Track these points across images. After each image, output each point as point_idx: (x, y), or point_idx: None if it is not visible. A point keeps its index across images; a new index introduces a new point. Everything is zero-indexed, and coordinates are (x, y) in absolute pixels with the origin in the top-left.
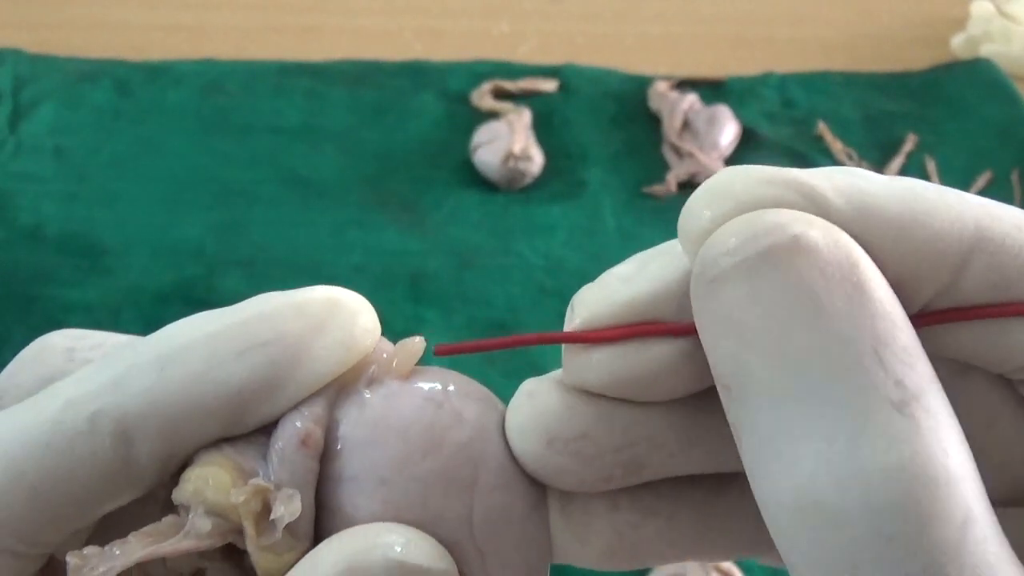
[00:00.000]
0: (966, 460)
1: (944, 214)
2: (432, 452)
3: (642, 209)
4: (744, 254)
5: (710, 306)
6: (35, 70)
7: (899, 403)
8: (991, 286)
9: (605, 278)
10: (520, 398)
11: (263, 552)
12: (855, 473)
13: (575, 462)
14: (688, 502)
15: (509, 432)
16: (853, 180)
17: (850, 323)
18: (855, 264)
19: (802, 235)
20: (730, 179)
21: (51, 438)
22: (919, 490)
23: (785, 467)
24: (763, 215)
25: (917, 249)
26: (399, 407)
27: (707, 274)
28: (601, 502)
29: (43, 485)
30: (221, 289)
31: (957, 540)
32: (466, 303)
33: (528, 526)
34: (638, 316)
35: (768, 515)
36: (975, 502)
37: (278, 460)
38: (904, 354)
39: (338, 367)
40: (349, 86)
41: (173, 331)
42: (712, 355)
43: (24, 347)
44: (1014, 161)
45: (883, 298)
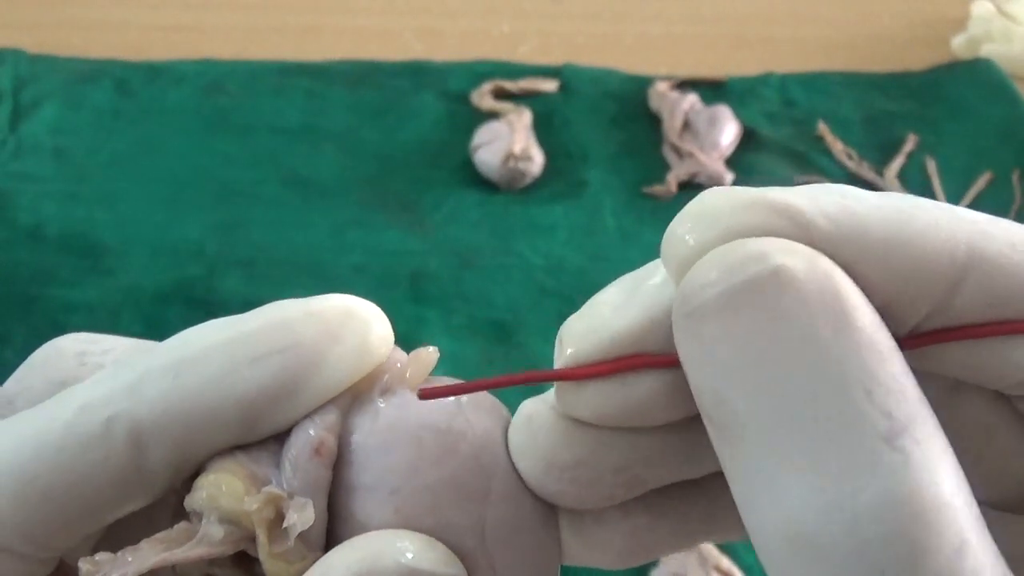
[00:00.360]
0: (959, 487)
1: (935, 234)
2: (444, 461)
3: (642, 209)
4: (724, 286)
5: (691, 340)
6: (35, 70)
7: (888, 436)
8: (985, 305)
9: (592, 307)
10: (519, 420)
11: (274, 560)
12: (844, 507)
13: (574, 487)
14: (699, 497)
15: (511, 451)
16: (841, 200)
17: (835, 356)
18: (838, 294)
19: (783, 266)
20: (713, 203)
21: (64, 442)
22: (910, 523)
23: (773, 500)
24: (744, 245)
25: (908, 270)
26: (413, 416)
27: (687, 307)
28: (613, 510)
29: (55, 489)
30: (221, 289)
31: (952, 570)
32: (466, 303)
33: (538, 535)
34: (626, 349)
35: (758, 546)
36: (969, 530)
37: (291, 468)
38: (893, 383)
39: (352, 376)
40: (349, 86)
41: (188, 337)
42: (695, 389)
43: (25, 347)
44: (1014, 161)
45: (868, 327)
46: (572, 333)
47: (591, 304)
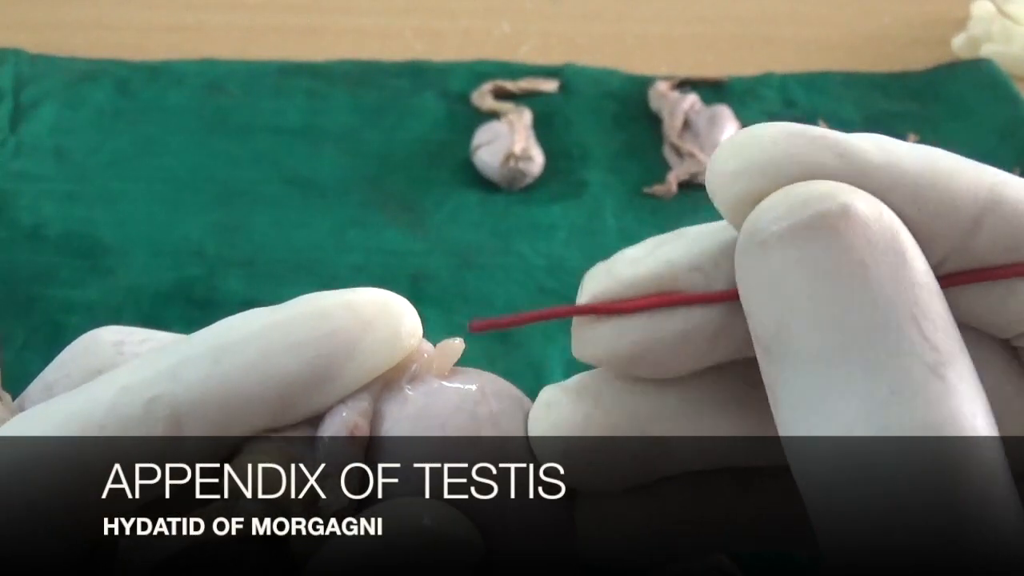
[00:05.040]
0: (991, 422)
1: (960, 176)
2: (468, 445)
3: (643, 209)
4: (794, 219)
5: (757, 268)
6: (36, 70)
7: (934, 365)
8: (1002, 248)
9: (616, 258)
10: (539, 409)
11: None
12: (892, 428)
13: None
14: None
15: (530, 438)
16: (878, 141)
17: (892, 290)
18: (897, 234)
19: (851, 204)
20: (761, 133)
21: (106, 421)
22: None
23: (823, 420)
24: (812, 184)
25: (936, 205)
26: (439, 403)
27: (756, 237)
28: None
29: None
30: (222, 289)
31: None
32: (466, 303)
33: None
34: (646, 291)
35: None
36: (998, 462)
37: (325, 450)
38: (940, 320)
39: (384, 364)
40: (350, 86)
41: (228, 325)
42: (755, 316)
43: (25, 347)
44: (1015, 161)
45: (921, 268)
46: (594, 275)
47: (615, 256)
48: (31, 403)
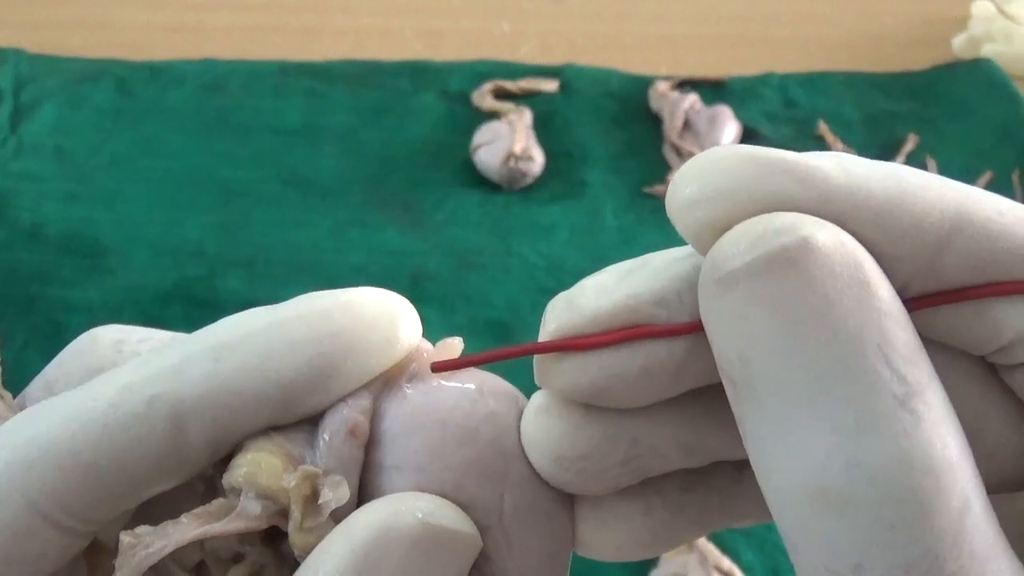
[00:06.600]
0: (963, 450)
1: (925, 195)
2: (467, 444)
3: (643, 209)
4: (755, 255)
5: (719, 305)
6: (36, 70)
7: (903, 397)
8: (971, 268)
9: (579, 288)
10: (530, 412)
11: (304, 534)
12: (861, 463)
13: (580, 478)
14: (715, 490)
15: (523, 441)
16: (839, 163)
17: (857, 322)
18: (861, 264)
19: (811, 237)
20: (722, 158)
21: (108, 419)
22: (920, 481)
23: (795, 457)
24: (772, 218)
25: (901, 228)
26: (438, 401)
27: (717, 274)
28: (634, 505)
29: (98, 463)
30: (222, 289)
31: (955, 528)
32: (467, 303)
33: (554, 519)
34: (606, 326)
35: (775, 504)
36: (972, 491)
37: (326, 448)
38: (907, 350)
39: (384, 363)
40: (350, 86)
41: (229, 324)
42: (720, 351)
43: (25, 347)
44: (1015, 161)
45: (886, 296)
46: (556, 306)
47: (578, 285)
48: (31, 402)
